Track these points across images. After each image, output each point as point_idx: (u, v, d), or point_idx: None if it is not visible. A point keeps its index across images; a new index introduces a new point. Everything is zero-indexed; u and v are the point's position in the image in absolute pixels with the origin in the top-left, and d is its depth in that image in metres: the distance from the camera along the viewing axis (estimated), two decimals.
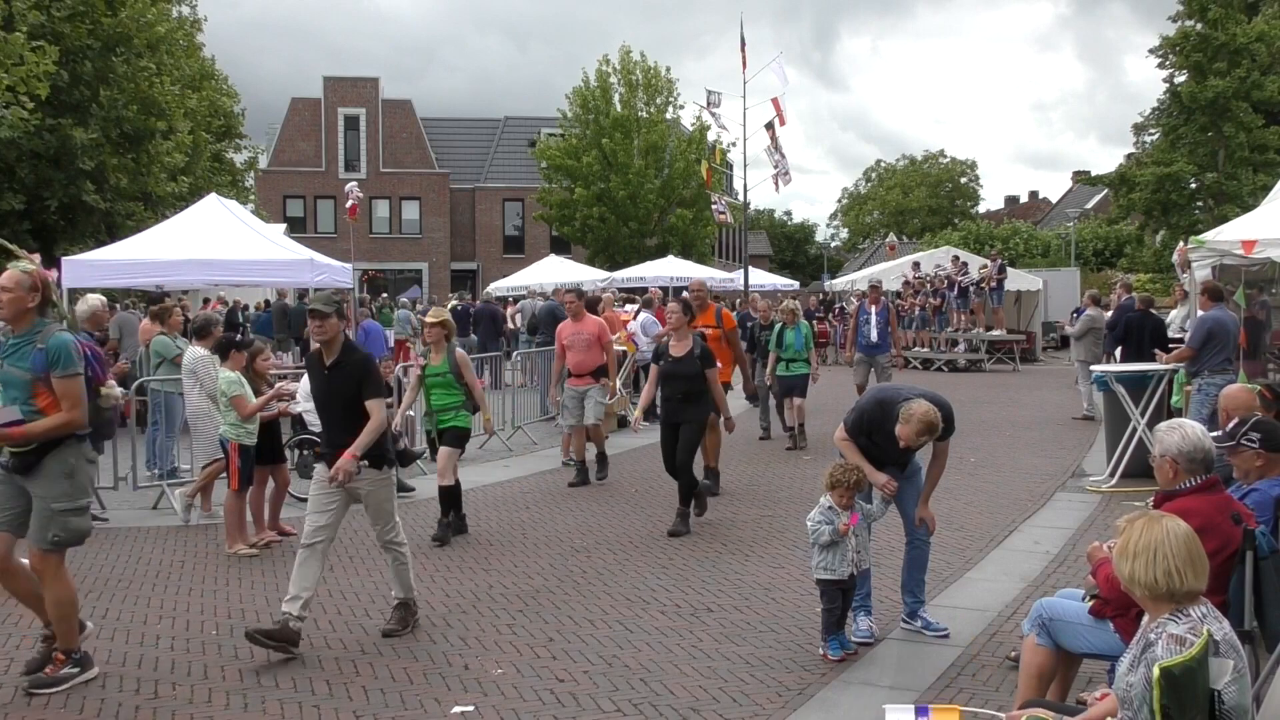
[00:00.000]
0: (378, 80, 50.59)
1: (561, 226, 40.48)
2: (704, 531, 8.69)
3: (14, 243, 21.36)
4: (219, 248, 13.85)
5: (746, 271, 32.06)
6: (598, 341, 10.91)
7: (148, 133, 21.60)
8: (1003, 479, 10.86)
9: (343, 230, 42.25)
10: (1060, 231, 49.07)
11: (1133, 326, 13.11)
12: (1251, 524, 4.10)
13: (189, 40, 28.44)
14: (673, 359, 8.78)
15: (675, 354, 8.78)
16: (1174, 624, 3.17)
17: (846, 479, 5.70)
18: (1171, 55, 32.50)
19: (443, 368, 8.59)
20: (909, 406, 5.63)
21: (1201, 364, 9.84)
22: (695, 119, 39.90)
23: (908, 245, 52.41)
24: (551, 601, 6.79)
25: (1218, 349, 9.79)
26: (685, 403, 8.68)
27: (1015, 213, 70.37)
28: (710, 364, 8.75)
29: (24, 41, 16.45)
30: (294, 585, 5.80)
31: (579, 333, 10.96)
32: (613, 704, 5.12)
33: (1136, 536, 3.28)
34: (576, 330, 11.00)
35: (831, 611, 5.69)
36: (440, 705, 5.13)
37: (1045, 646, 4.36)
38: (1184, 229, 29.28)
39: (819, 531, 5.63)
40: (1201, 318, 10.14)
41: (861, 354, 14.40)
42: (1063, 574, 7.20)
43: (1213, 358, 9.79)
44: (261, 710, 5.11)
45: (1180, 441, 4.25)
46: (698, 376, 8.65)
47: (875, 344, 14.34)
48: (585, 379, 10.86)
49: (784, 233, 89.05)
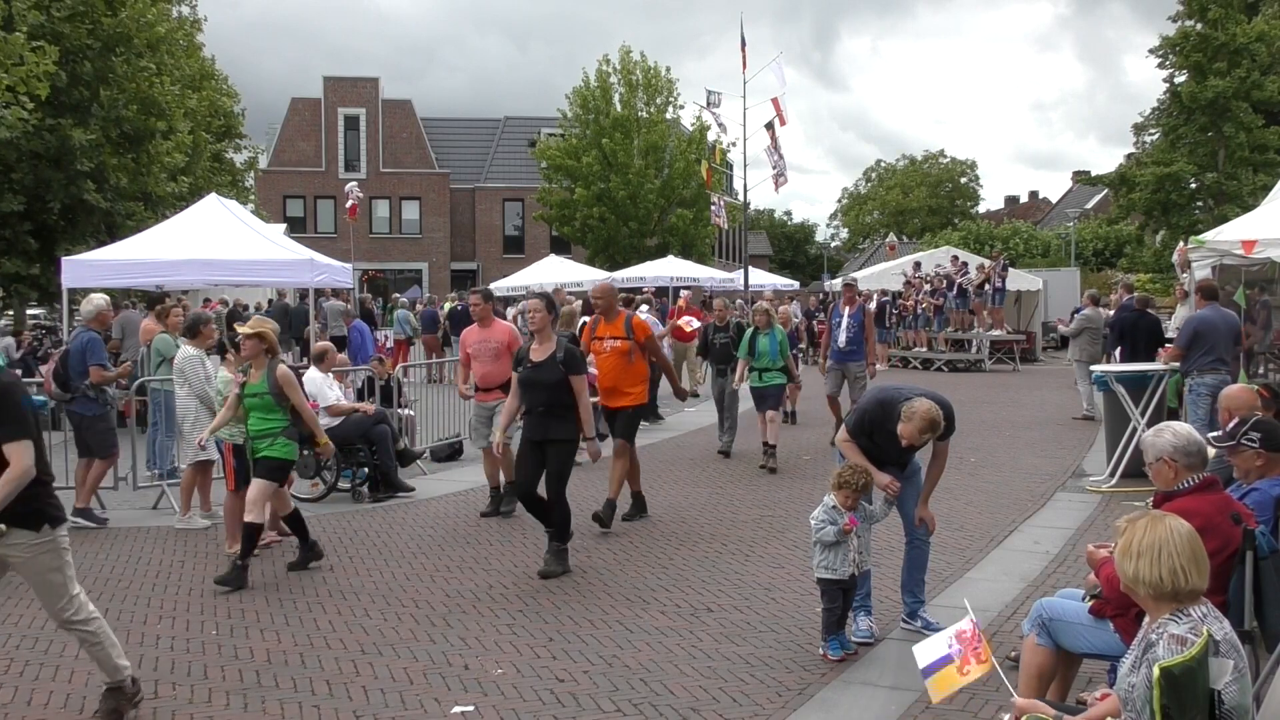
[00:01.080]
0: (378, 80, 50.64)
1: (561, 226, 40.51)
2: (704, 531, 8.69)
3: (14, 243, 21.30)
4: (219, 248, 13.84)
5: (746, 271, 32.02)
6: (507, 350, 9.14)
7: (148, 133, 21.58)
8: (1003, 479, 10.86)
9: (343, 230, 42.26)
10: (1060, 231, 49.11)
11: (1127, 327, 13.12)
12: (1251, 524, 4.10)
13: (189, 40, 28.42)
14: (531, 364, 7.55)
15: (535, 358, 7.57)
16: (1175, 624, 3.17)
17: (855, 481, 5.70)
18: (1171, 55, 32.51)
19: (261, 387, 7.41)
20: (911, 405, 5.64)
21: (1191, 364, 9.85)
22: (695, 119, 39.95)
23: (908, 245, 52.44)
24: (551, 601, 6.79)
25: (1205, 348, 9.78)
26: (550, 417, 7.46)
27: (1015, 213, 70.41)
28: (576, 369, 7.51)
29: (24, 41, 16.43)
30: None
31: (485, 340, 9.43)
32: (613, 704, 5.12)
33: (1140, 536, 3.28)
34: (483, 338, 9.46)
35: (832, 611, 5.69)
36: (440, 705, 5.13)
37: (1045, 646, 4.36)
38: (1184, 229, 29.28)
39: (823, 530, 5.64)
40: (1189, 318, 10.15)
41: (833, 361, 13.10)
42: (1063, 574, 7.20)
43: (1201, 357, 9.78)
44: (261, 710, 5.11)
45: (1173, 440, 4.26)
46: (561, 385, 7.44)
47: (846, 350, 12.96)
48: (494, 393, 9.33)
49: (784, 233, 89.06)
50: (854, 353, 12.93)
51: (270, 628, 6.33)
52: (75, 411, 9.21)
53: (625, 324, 9.06)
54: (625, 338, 9.02)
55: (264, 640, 6.11)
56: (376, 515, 9.50)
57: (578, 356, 7.67)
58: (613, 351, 9.03)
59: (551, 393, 7.43)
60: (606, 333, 9.11)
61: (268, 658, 5.82)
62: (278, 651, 5.92)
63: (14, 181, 19.58)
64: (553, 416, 7.45)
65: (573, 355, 7.59)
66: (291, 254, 14.63)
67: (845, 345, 12.91)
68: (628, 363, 8.98)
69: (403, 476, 10.51)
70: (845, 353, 12.95)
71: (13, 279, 20.94)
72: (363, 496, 10.11)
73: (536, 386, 7.48)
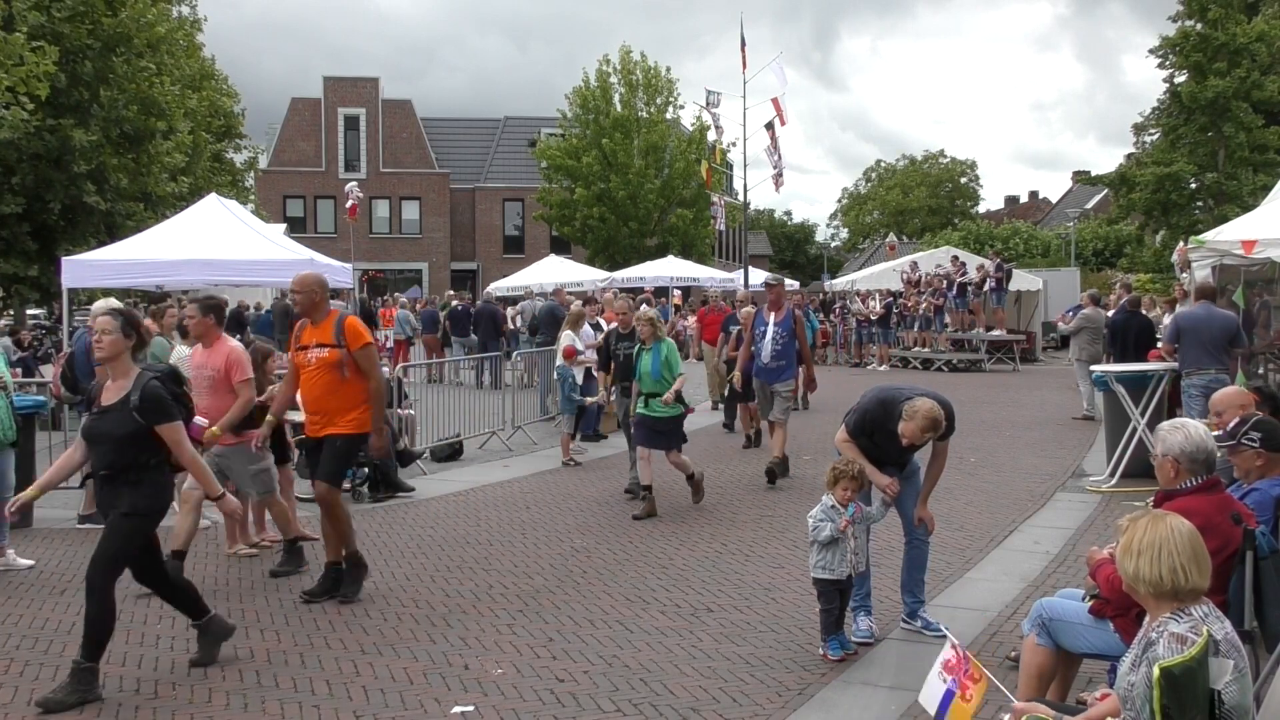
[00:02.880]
0: (378, 80, 50.63)
1: (561, 226, 40.51)
2: (704, 531, 8.69)
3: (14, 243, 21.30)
4: (219, 248, 13.85)
5: (746, 271, 32.02)
6: (226, 379, 7.36)
7: (148, 133, 21.60)
8: (1003, 479, 10.86)
9: (343, 230, 42.27)
10: (1060, 231, 49.10)
11: (1118, 327, 13.16)
12: (1252, 524, 4.10)
13: (189, 40, 28.44)
14: (98, 410, 5.38)
15: (103, 401, 5.38)
16: (1176, 623, 3.17)
17: (849, 470, 5.71)
18: (1171, 55, 32.50)
19: None
20: (913, 404, 5.64)
21: (1182, 364, 9.87)
22: (695, 119, 39.96)
23: (908, 245, 52.42)
24: (551, 601, 6.79)
25: (1189, 347, 9.79)
26: (112, 485, 5.26)
27: (1015, 213, 70.41)
28: (161, 417, 5.24)
29: (24, 42, 16.44)
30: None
31: (203, 367, 7.46)
32: (613, 704, 5.12)
33: (1140, 534, 3.28)
34: (201, 363, 7.49)
35: (830, 612, 5.69)
36: (440, 705, 5.13)
37: (1045, 646, 4.36)
38: (1184, 229, 29.27)
39: (818, 528, 5.65)
40: (1175, 315, 10.16)
41: (757, 380, 10.99)
42: (1063, 574, 7.20)
43: (1186, 357, 9.79)
44: (261, 710, 5.11)
45: (1183, 441, 4.24)
46: (135, 439, 5.22)
47: (771, 367, 10.71)
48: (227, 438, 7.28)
49: (784, 233, 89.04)
50: (781, 370, 10.76)
51: (270, 628, 6.33)
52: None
53: (335, 328, 6.85)
54: (334, 345, 6.85)
55: (264, 640, 6.11)
56: (376, 515, 9.50)
57: (163, 401, 5.27)
58: (319, 364, 6.85)
59: (120, 450, 5.24)
60: (312, 339, 6.94)
61: (268, 658, 5.82)
62: (278, 651, 5.92)
63: (14, 182, 19.58)
64: (116, 484, 5.26)
65: (157, 399, 5.24)
66: (291, 254, 14.63)
67: (770, 360, 10.73)
68: (339, 378, 6.82)
69: (403, 476, 10.51)
70: (770, 369, 10.76)
71: (12, 279, 20.95)
72: (363, 496, 10.11)
73: (100, 440, 5.29)
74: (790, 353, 10.77)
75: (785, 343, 10.72)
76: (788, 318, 10.78)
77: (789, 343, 10.74)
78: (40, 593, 7.11)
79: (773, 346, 10.71)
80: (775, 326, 10.74)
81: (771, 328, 10.75)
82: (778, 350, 10.70)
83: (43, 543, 8.49)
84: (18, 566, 7.71)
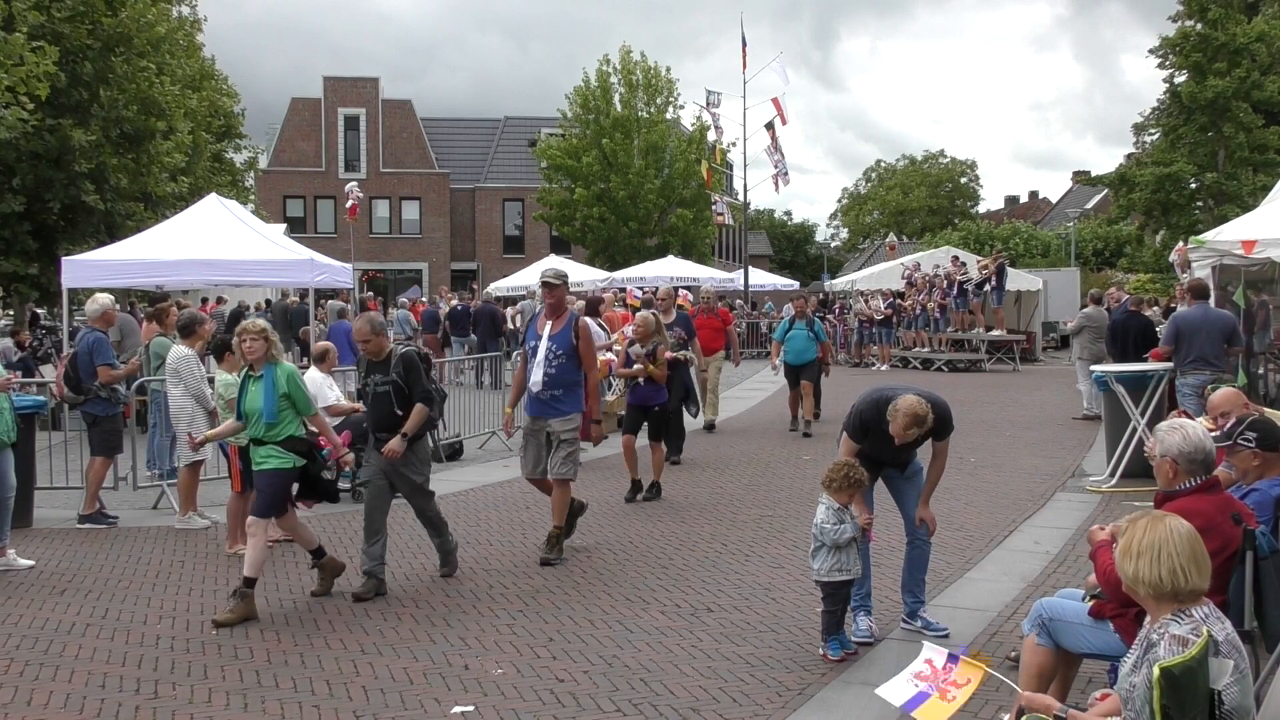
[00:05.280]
0: (378, 80, 50.61)
1: (561, 226, 40.50)
2: (704, 531, 8.69)
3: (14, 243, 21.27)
4: (219, 248, 13.84)
5: (746, 271, 32.08)
6: None
7: (148, 133, 21.57)
8: (1003, 479, 10.86)
9: (343, 230, 42.25)
10: (1060, 231, 49.10)
11: (1118, 327, 13.17)
12: (1252, 524, 4.10)
13: (189, 40, 28.40)
14: None
15: None
16: (1177, 624, 3.17)
17: (840, 476, 5.66)
18: (1171, 55, 32.52)
19: None
20: (894, 403, 5.65)
21: (1178, 364, 9.87)
22: (695, 119, 39.96)
23: (908, 245, 52.42)
24: (551, 601, 6.79)
25: (1185, 347, 9.80)
26: None
27: (1015, 213, 70.44)
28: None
29: (24, 42, 16.42)
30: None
31: None
32: (613, 704, 5.12)
33: (1140, 536, 3.28)
34: None
35: (833, 613, 5.68)
36: (440, 705, 5.13)
37: (1045, 646, 4.37)
38: (1184, 229, 29.29)
39: (839, 531, 5.58)
40: (1172, 316, 10.17)
41: (527, 415, 7.90)
42: (1063, 574, 7.20)
43: (1182, 357, 9.80)
44: (261, 710, 5.11)
45: (1181, 442, 4.24)
46: None
47: (544, 399, 7.71)
48: None
49: (784, 233, 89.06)
50: (558, 402, 7.69)
51: (270, 628, 6.34)
52: (89, 412, 9.24)
53: None
54: None
55: (264, 640, 6.11)
56: None
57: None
58: None
59: None
60: None
61: (268, 658, 5.82)
62: (278, 651, 5.92)
63: (14, 182, 19.58)
64: None
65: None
66: (291, 254, 14.64)
67: (543, 388, 7.65)
68: None
69: None
70: (542, 401, 7.69)
71: (12, 278, 20.95)
72: (363, 496, 10.08)
73: None
74: (570, 377, 7.69)
75: (563, 364, 7.63)
76: (567, 329, 7.68)
77: (568, 364, 7.64)
78: (40, 593, 7.12)
79: (545, 369, 7.62)
80: (550, 340, 7.63)
81: (545, 342, 7.63)
82: (552, 374, 7.63)
83: (43, 543, 8.50)
84: (18, 566, 7.71)
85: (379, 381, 7.08)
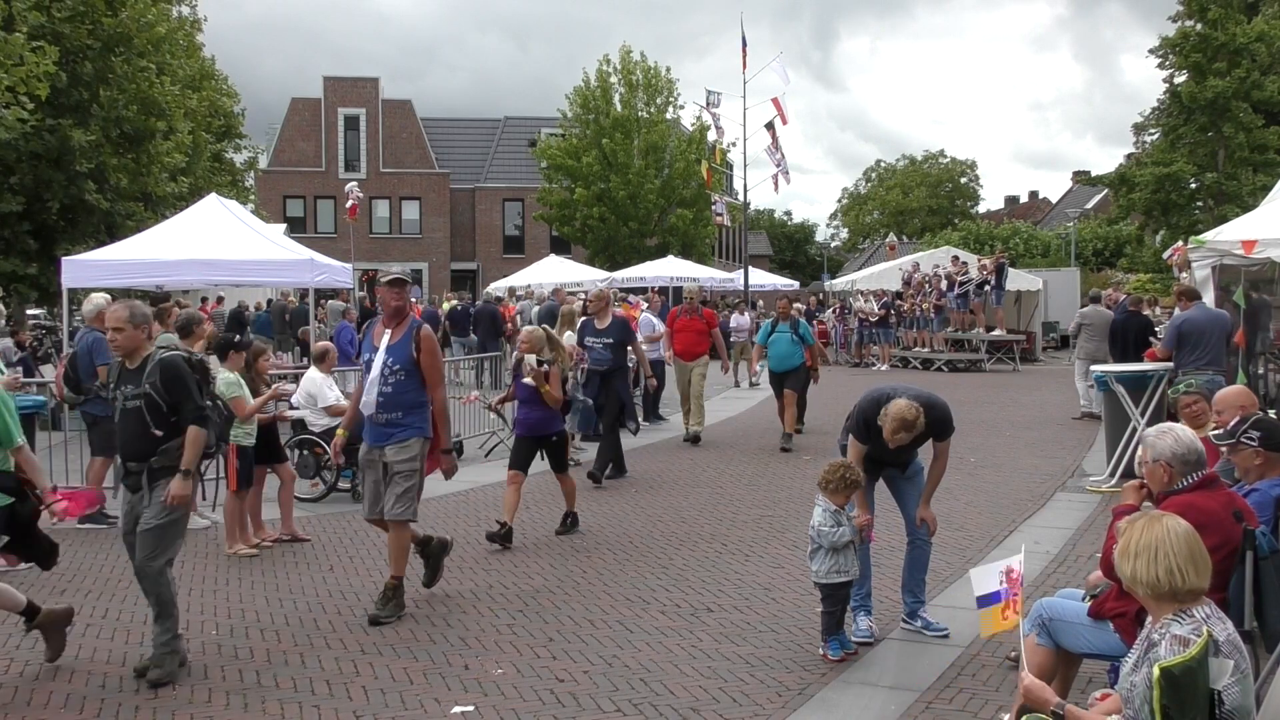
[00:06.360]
0: (378, 80, 50.59)
1: (561, 226, 40.49)
2: (704, 531, 8.69)
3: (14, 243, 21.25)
4: (219, 248, 13.84)
5: (746, 272, 32.04)
6: None
7: (148, 133, 21.58)
8: (1003, 479, 10.86)
9: (343, 230, 42.24)
10: (1060, 231, 49.08)
11: (1118, 328, 13.16)
12: (1253, 523, 4.10)
13: (189, 40, 28.40)
14: None
15: None
16: (1178, 624, 3.18)
17: (834, 477, 5.66)
18: (1171, 55, 32.52)
19: None
20: (886, 407, 5.65)
21: (1179, 365, 9.87)
22: (695, 119, 39.94)
23: (908, 245, 52.43)
24: (551, 601, 6.79)
25: (1192, 349, 9.79)
26: None
27: (1015, 213, 70.42)
28: None
29: (24, 42, 16.42)
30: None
31: None
32: (613, 704, 5.12)
33: (1137, 536, 3.29)
34: None
35: (833, 613, 5.68)
36: (440, 705, 5.13)
37: (1045, 646, 4.37)
38: (1184, 229, 29.29)
39: (839, 534, 5.58)
40: (1174, 318, 10.18)
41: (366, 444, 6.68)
42: (1063, 574, 7.20)
43: (1189, 358, 9.79)
44: (261, 710, 5.11)
45: (1173, 445, 4.25)
46: None
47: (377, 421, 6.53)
48: None
49: (784, 233, 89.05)
50: (395, 427, 6.50)
51: (270, 628, 6.34)
52: (89, 412, 9.22)
53: None
54: None
55: (264, 640, 6.11)
56: None
57: None
58: None
59: None
60: None
61: (268, 658, 5.82)
62: (278, 651, 5.92)
63: (14, 182, 19.58)
64: None
65: None
66: (291, 254, 14.63)
67: (377, 410, 6.49)
68: None
69: None
70: (378, 427, 6.54)
71: (11, 277, 20.95)
72: (363, 496, 10.07)
73: None
74: (410, 397, 6.50)
75: (400, 381, 6.46)
76: (407, 338, 6.52)
77: (407, 381, 6.47)
78: (40, 593, 7.09)
79: (380, 388, 6.47)
80: (387, 353, 6.50)
81: (382, 354, 6.51)
82: (388, 394, 6.46)
83: None
84: (18, 567, 7.69)
85: (129, 394, 5.53)
